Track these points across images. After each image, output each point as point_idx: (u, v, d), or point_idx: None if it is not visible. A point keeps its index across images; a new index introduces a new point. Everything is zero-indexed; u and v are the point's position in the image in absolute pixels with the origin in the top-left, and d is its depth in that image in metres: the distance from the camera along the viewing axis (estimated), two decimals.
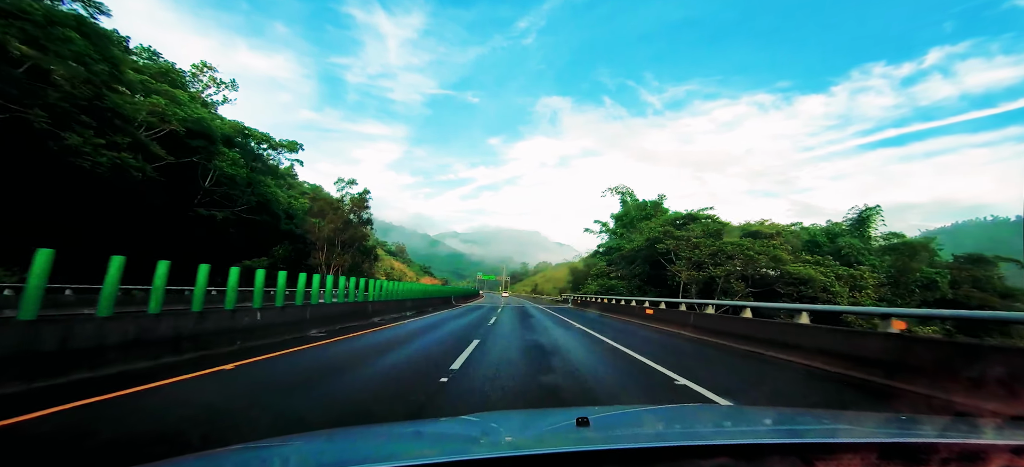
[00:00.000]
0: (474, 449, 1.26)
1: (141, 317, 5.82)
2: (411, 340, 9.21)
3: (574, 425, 1.32)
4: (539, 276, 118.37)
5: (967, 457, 0.98)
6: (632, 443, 1.17)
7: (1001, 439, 1.12)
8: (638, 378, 6.00)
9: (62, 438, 3.19)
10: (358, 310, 13.25)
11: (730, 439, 1.24)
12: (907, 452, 1.03)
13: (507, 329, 12.64)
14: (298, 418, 3.76)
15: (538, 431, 1.58)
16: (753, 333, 9.41)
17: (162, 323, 5.98)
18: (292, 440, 1.54)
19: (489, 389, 4.97)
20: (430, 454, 1.25)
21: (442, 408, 4.18)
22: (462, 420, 2.01)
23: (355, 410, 4.06)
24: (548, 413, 2.40)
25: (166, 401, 4.21)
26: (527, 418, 2.10)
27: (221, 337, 6.97)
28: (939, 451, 0.99)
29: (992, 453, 0.99)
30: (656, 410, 2.57)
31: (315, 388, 4.82)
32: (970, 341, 6.12)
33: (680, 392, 5.19)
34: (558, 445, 1.19)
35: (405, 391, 4.82)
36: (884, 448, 1.03)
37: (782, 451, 1.02)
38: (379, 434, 1.68)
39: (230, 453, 1.38)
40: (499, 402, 4.43)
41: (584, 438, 1.25)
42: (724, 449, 1.05)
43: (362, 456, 1.27)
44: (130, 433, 3.36)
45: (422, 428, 1.91)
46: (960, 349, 5.34)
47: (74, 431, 3.35)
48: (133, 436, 3.31)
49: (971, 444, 1.05)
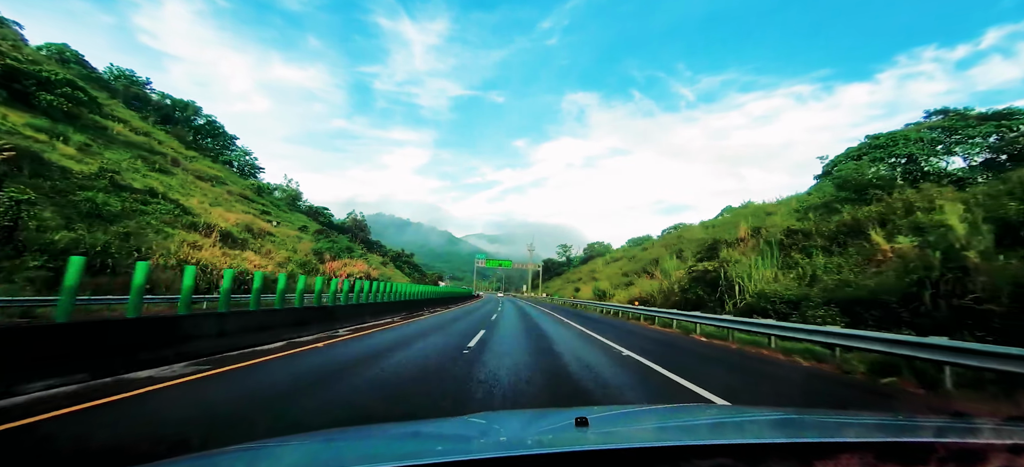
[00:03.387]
0: (473, 449, 1.28)
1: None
2: None
3: (573, 425, 1.31)
4: (606, 264, 61.18)
5: (965, 457, 0.98)
6: (631, 443, 1.20)
7: (999, 439, 1.06)
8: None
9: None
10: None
11: (729, 439, 1.27)
12: (906, 452, 1.03)
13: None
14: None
15: (537, 431, 1.56)
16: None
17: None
18: (291, 440, 1.56)
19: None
20: (429, 454, 1.26)
21: None
22: (461, 420, 2.04)
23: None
24: (547, 413, 2.31)
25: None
26: (526, 418, 2.07)
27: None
28: (937, 451, 0.97)
29: (990, 453, 0.98)
30: (655, 410, 2.65)
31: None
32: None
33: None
34: (557, 445, 1.21)
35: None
36: (882, 448, 1.03)
37: (781, 451, 1.03)
38: (378, 434, 1.71)
39: (229, 453, 1.38)
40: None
41: (583, 438, 1.24)
42: (723, 449, 1.05)
43: (361, 456, 1.29)
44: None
45: (421, 428, 1.91)
46: None
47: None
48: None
49: (969, 444, 1.05)
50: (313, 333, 10.17)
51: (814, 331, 9.20)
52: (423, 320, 16.49)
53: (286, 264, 29.28)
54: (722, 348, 10.98)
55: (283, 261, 30.59)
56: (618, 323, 17.58)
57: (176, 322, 7.00)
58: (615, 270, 50.74)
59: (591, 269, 67.92)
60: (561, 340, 10.96)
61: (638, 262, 41.67)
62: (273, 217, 43.89)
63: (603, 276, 49.19)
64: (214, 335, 7.44)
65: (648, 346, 10.48)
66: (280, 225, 41.45)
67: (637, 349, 9.73)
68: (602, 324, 16.69)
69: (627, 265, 44.96)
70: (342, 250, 41.60)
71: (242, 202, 42.99)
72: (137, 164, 31.72)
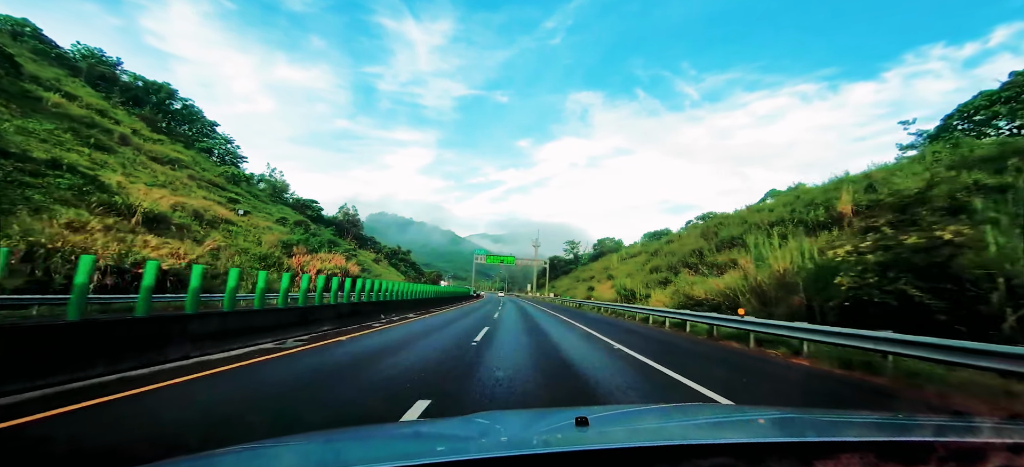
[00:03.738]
0: (473, 449, 1.24)
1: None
2: None
3: (573, 425, 1.27)
4: (622, 260, 54.16)
5: (965, 456, 0.97)
6: (631, 443, 1.18)
7: (999, 438, 1.05)
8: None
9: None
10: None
11: (729, 439, 1.23)
12: (906, 452, 1.01)
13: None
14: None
15: (537, 431, 1.52)
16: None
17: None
18: (290, 440, 1.53)
19: None
20: (430, 454, 1.24)
21: None
22: (461, 420, 1.96)
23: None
24: (547, 413, 2.21)
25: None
26: (526, 418, 2.00)
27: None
28: (937, 450, 0.97)
29: (990, 452, 0.97)
30: (655, 409, 2.56)
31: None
32: None
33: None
34: (557, 445, 1.19)
35: None
36: (883, 447, 1.02)
37: (781, 451, 1.01)
38: (378, 434, 1.68)
39: (228, 453, 1.33)
40: None
41: (583, 438, 1.21)
42: (723, 449, 1.03)
43: (361, 456, 1.27)
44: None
45: (421, 428, 1.93)
46: None
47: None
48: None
49: (969, 443, 1.04)
50: (177, 357, 6.14)
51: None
52: (403, 327, 12.35)
53: (236, 257, 23.47)
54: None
55: (241, 252, 24.89)
56: (705, 347, 11.58)
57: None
58: (634, 266, 43.89)
59: (604, 266, 61.23)
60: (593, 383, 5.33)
61: (669, 257, 34.95)
62: (244, 206, 38.18)
63: (621, 273, 42.46)
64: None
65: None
66: (248, 214, 35.62)
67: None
68: (673, 348, 10.69)
69: (653, 260, 37.88)
70: (322, 244, 35.88)
71: (208, 189, 37.37)
72: (65, 137, 26.14)
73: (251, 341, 7.95)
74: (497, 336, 10.86)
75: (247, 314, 8.37)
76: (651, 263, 38.11)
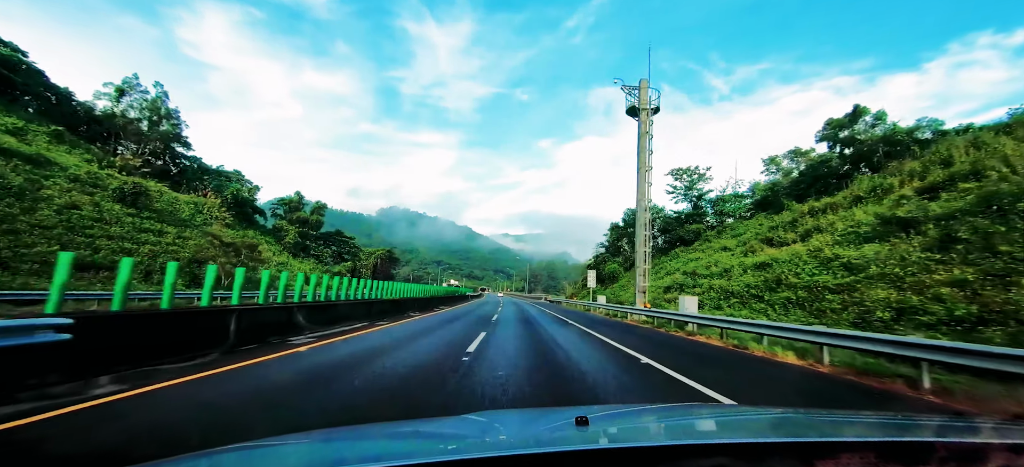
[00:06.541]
0: (473, 449, 1.24)
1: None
2: None
3: (573, 424, 1.27)
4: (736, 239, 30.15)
5: (966, 456, 0.97)
6: (631, 442, 1.24)
7: (999, 438, 1.05)
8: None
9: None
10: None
11: (730, 439, 1.24)
12: (906, 452, 1.01)
13: None
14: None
15: (537, 430, 1.53)
16: None
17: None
18: (290, 440, 1.52)
19: None
20: (429, 454, 1.23)
21: None
22: (461, 419, 1.95)
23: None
24: (547, 412, 2.29)
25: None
26: (526, 417, 2.04)
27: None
28: (938, 450, 0.96)
29: (990, 452, 0.97)
30: (655, 409, 2.54)
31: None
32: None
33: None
34: (557, 444, 1.17)
35: None
36: (883, 448, 1.02)
37: (782, 451, 1.01)
38: (377, 433, 1.67)
39: (228, 453, 1.34)
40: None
41: (583, 437, 1.21)
42: (724, 449, 1.03)
43: (360, 456, 1.27)
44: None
45: (421, 427, 1.88)
46: None
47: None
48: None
49: (969, 443, 1.04)
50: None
51: None
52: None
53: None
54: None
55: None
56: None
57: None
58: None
59: (721, 246, 33.04)
60: None
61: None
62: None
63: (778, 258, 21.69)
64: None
65: None
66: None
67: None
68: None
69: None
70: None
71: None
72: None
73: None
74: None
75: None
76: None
